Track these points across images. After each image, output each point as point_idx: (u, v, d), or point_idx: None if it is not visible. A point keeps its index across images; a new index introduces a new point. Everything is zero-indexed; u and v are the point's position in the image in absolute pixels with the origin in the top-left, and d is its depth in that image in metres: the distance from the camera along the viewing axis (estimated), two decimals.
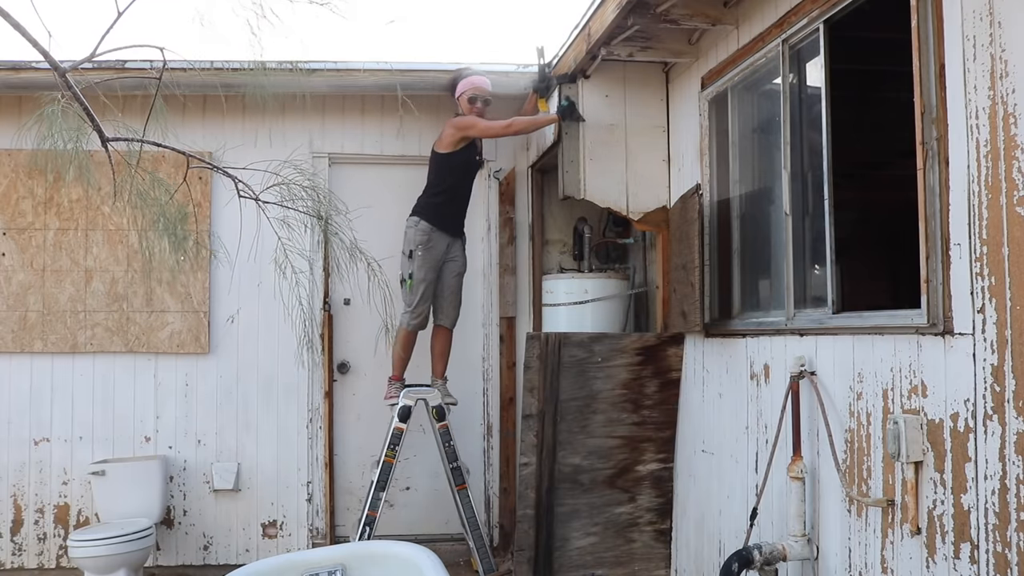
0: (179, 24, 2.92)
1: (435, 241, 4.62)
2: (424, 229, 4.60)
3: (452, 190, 4.69)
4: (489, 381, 5.42)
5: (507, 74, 4.88)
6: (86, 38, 3.34)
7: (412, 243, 4.60)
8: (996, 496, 2.15)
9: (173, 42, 2.79)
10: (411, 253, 4.59)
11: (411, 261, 4.58)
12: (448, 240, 4.70)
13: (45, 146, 2.90)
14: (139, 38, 2.73)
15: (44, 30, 2.75)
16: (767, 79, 3.59)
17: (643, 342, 4.23)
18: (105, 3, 2.67)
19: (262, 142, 5.16)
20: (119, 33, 2.67)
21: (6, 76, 4.72)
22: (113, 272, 5.10)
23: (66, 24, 2.93)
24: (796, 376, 3.04)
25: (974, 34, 2.26)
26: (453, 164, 4.66)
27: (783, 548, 3.00)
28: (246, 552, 5.14)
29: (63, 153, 2.85)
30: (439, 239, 4.64)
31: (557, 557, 4.23)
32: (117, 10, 2.64)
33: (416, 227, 4.61)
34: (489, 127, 4.58)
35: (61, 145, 2.82)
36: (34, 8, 2.61)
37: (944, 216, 2.37)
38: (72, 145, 2.84)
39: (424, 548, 3.35)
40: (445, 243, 4.68)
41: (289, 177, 3.29)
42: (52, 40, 2.68)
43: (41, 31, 2.63)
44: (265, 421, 5.18)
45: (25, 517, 5.02)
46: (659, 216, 4.36)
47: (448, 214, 4.68)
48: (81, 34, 3.23)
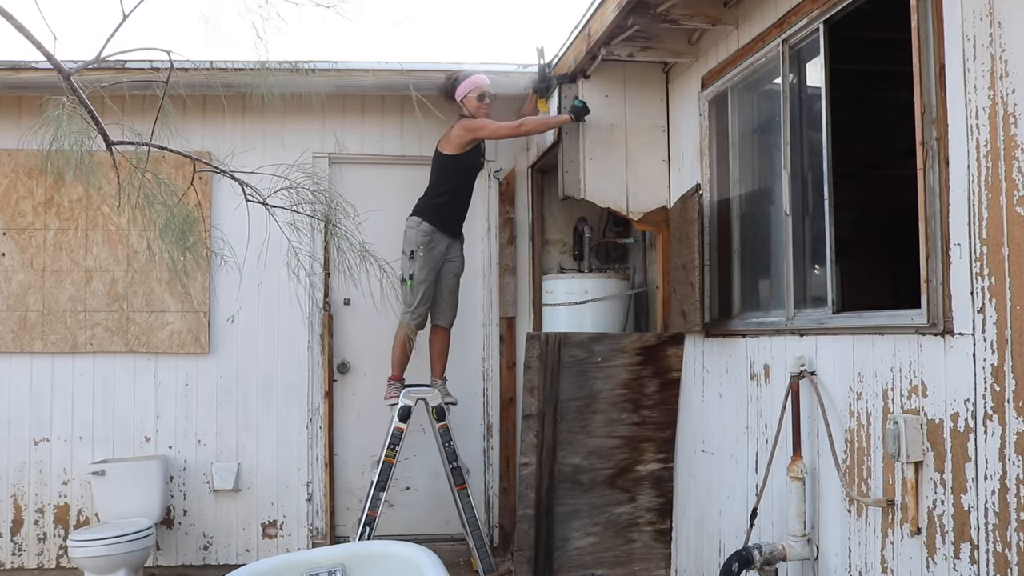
0: (184, 26, 2.92)
1: (436, 242, 4.62)
2: (426, 230, 4.59)
3: (455, 191, 4.68)
4: (489, 381, 5.42)
5: (507, 74, 4.87)
6: (90, 40, 3.35)
7: (413, 244, 4.59)
8: (996, 496, 2.15)
9: (176, 43, 2.79)
10: (412, 254, 4.58)
11: (412, 262, 4.58)
12: (448, 241, 4.70)
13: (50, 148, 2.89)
14: (142, 40, 2.72)
15: (49, 32, 2.75)
16: (767, 79, 3.59)
17: (643, 342, 4.23)
18: (109, 4, 2.67)
19: (262, 142, 5.16)
20: (123, 35, 2.67)
21: (6, 76, 4.72)
22: (113, 272, 5.10)
23: (70, 25, 2.93)
24: (796, 376, 3.04)
25: (974, 34, 2.27)
26: (458, 166, 4.64)
27: (783, 548, 3.00)
28: (246, 552, 5.14)
29: (67, 155, 2.85)
30: (440, 240, 4.64)
31: (557, 557, 4.23)
32: (123, 12, 2.64)
33: (418, 228, 4.61)
34: (499, 128, 4.54)
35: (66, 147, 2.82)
36: (39, 10, 2.61)
37: (944, 216, 2.37)
38: (77, 148, 2.84)
39: (424, 548, 3.35)
40: (445, 244, 4.68)
41: (297, 180, 3.29)
42: (57, 43, 2.68)
43: (46, 33, 2.63)
44: (265, 421, 5.18)
45: (25, 517, 5.02)
46: (659, 216, 4.36)
47: (450, 215, 4.68)
48: (85, 35, 3.23)
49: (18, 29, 2.49)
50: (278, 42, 3.20)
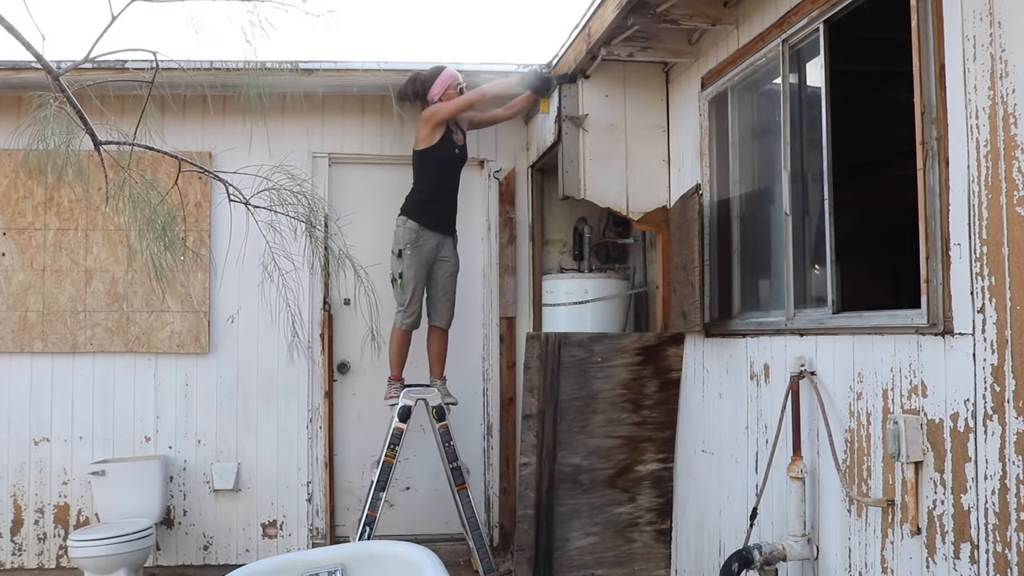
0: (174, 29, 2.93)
1: (424, 239, 4.61)
2: (412, 228, 4.59)
3: (436, 187, 4.66)
4: (489, 381, 5.42)
5: (507, 74, 4.87)
6: (80, 39, 3.37)
7: (401, 242, 4.59)
8: (996, 496, 2.15)
9: (167, 47, 2.79)
10: (400, 252, 4.58)
11: (400, 260, 4.58)
12: (438, 238, 4.67)
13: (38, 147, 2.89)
14: (133, 42, 2.72)
15: (38, 32, 2.75)
16: (767, 79, 3.59)
17: (643, 342, 4.23)
18: (98, 6, 2.67)
19: (262, 142, 5.15)
20: (113, 36, 2.68)
21: (6, 76, 4.72)
22: (113, 272, 5.10)
23: (60, 26, 2.93)
24: (796, 376, 3.04)
25: (974, 34, 2.26)
26: (431, 159, 4.63)
27: (783, 548, 3.00)
28: (246, 552, 5.14)
29: (56, 154, 2.85)
30: (428, 237, 4.62)
31: (557, 557, 4.23)
32: (111, 14, 2.63)
33: (404, 226, 4.61)
34: (456, 104, 4.54)
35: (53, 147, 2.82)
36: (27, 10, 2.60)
37: (944, 216, 2.37)
38: (64, 147, 2.84)
39: (424, 548, 3.35)
40: (434, 241, 4.66)
41: (280, 182, 3.27)
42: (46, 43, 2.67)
43: (35, 33, 2.62)
44: (265, 421, 5.18)
45: (25, 517, 5.02)
46: (659, 216, 4.37)
47: (435, 211, 4.66)
48: (75, 36, 3.22)
49: (7, 29, 2.49)
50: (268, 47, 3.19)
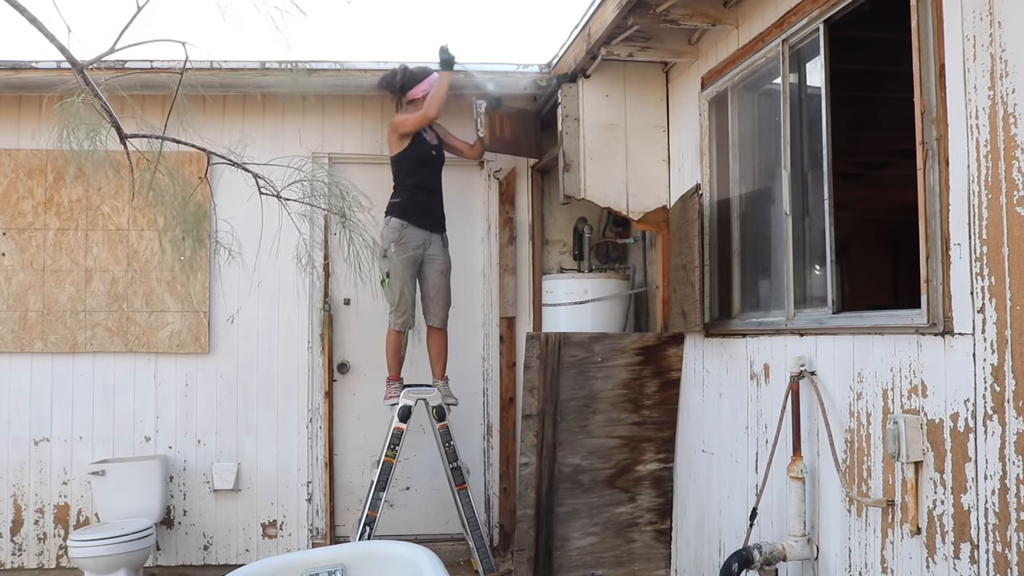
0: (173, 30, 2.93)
1: (408, 237, 4.61)
2: (395, 226, 4.62)
3: (416, 186, 4.70)
4: (489, 381, 5.41)
5: (507, 74, 4.88)
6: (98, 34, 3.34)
7: (386, 241, 4.61)
8: (996, 496, 2.15)
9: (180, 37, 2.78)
10: (385, 252, 4.60)
11: (387, 260, 4.60)
12: (424, 235, 4.68)
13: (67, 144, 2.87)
14: (150, 34, 2.71)
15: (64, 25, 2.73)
16: (767, 79, 3.59)
17: (643, 342, 4.23)
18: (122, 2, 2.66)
19: (261, 142, 5.15)
20: (136, 28, 2.66)
21: (6, 76, 4.71)
22: (113, 272, 5.10)
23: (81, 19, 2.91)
24: (796, 376, 3.04)
25: (974, 34, 2.27)
26: (407, 160, 4.71)
27: (783, 548, 3.00)
28: (246, 552, 5.14)
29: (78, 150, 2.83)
30: (412, 235, 4.63)
31: (557, 557, 4.23)
32: (137, 4, 2.61)
33: (388, 225, 4.64)
34: (417, 117, 4.64)
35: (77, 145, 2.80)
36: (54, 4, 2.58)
37: (944, 216, 2.37)
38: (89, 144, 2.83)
39: (424, 548, 3.35)
40: (420, 239, 4.66)
41: (311, 173, 3.30)
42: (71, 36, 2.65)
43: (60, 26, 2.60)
44: (265, 421, 5.18)
45: (25, 517, 5.02)
46: (659, 216, 4.37)
47: (417, 210, 4.67)
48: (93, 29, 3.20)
49: (31, 22, 2.47)
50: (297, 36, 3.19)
